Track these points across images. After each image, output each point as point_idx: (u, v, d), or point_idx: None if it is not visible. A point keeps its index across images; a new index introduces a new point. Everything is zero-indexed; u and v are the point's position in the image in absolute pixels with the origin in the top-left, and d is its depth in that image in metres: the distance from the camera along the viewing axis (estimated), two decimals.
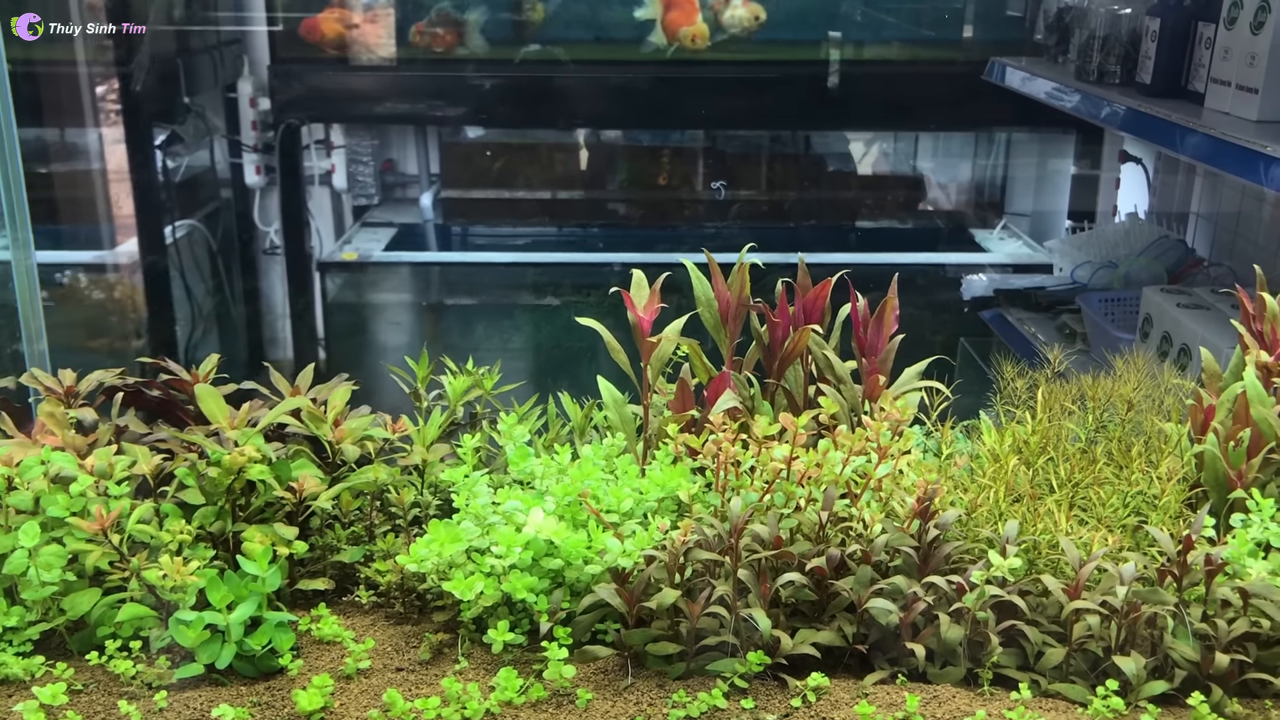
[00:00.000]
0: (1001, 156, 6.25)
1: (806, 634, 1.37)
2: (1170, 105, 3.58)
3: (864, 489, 1.46)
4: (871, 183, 6.32)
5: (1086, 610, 1.34)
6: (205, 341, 5.37)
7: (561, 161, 6.22)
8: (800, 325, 1.64)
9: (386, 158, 6.41)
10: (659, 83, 5.33)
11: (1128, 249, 4.87)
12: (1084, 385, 1.68)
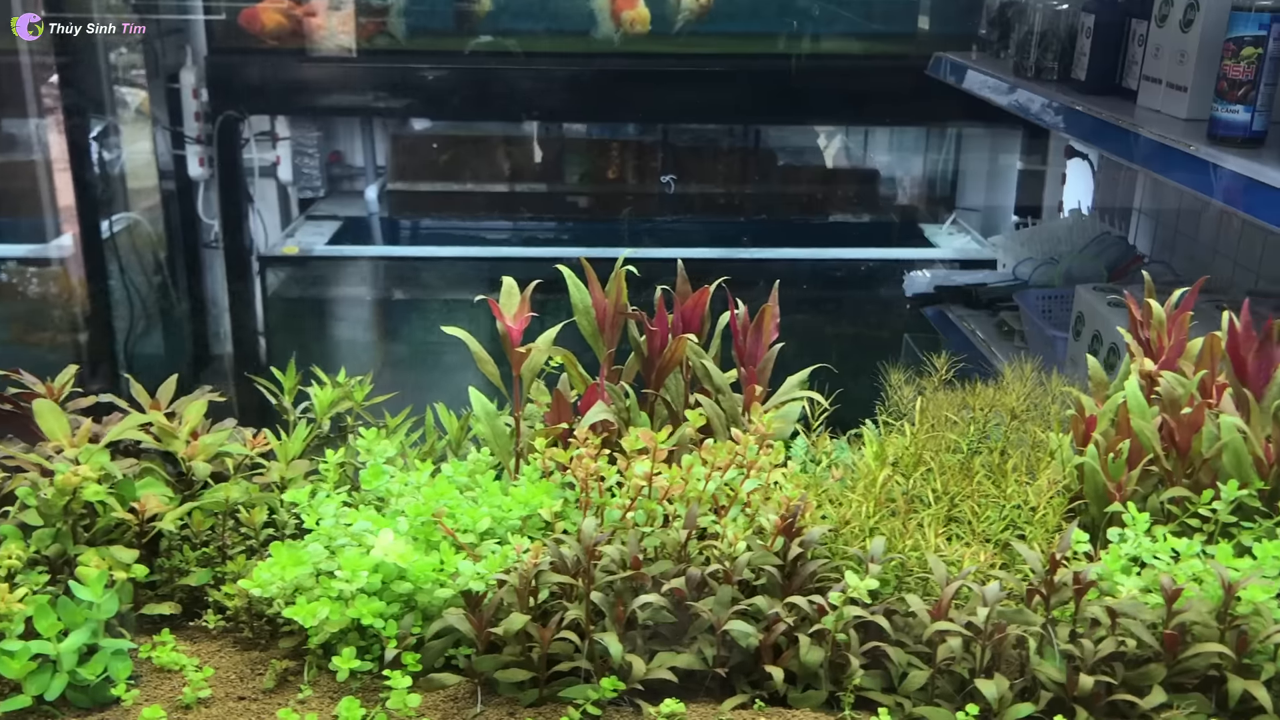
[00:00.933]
0: (952, 151, 6.24)
1: (665, 657, 1.33)
2: (1103, 102, 3.57)
3: (731, 505, 1.41)
4: (822, 177, 6.29)
5: (949, 631, 1.30)
6: (146, 337, 5.26)
7: (509, 155, 6.14)
8: (679, 334, 1.59)
9: (334, 150, 6.30)
10: (606, 75, 5.27)
11: (1070, 245, 4.87)
12: (967, 394, 1.65)
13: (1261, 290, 3.72)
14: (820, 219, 6.23)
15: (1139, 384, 1.55)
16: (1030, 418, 1.62)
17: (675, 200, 6.16)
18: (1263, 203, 2.65)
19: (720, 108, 5.46)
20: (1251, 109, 2.96)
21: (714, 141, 6.29)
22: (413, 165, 6.16)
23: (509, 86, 5.26)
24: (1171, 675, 1.35)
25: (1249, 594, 1.33)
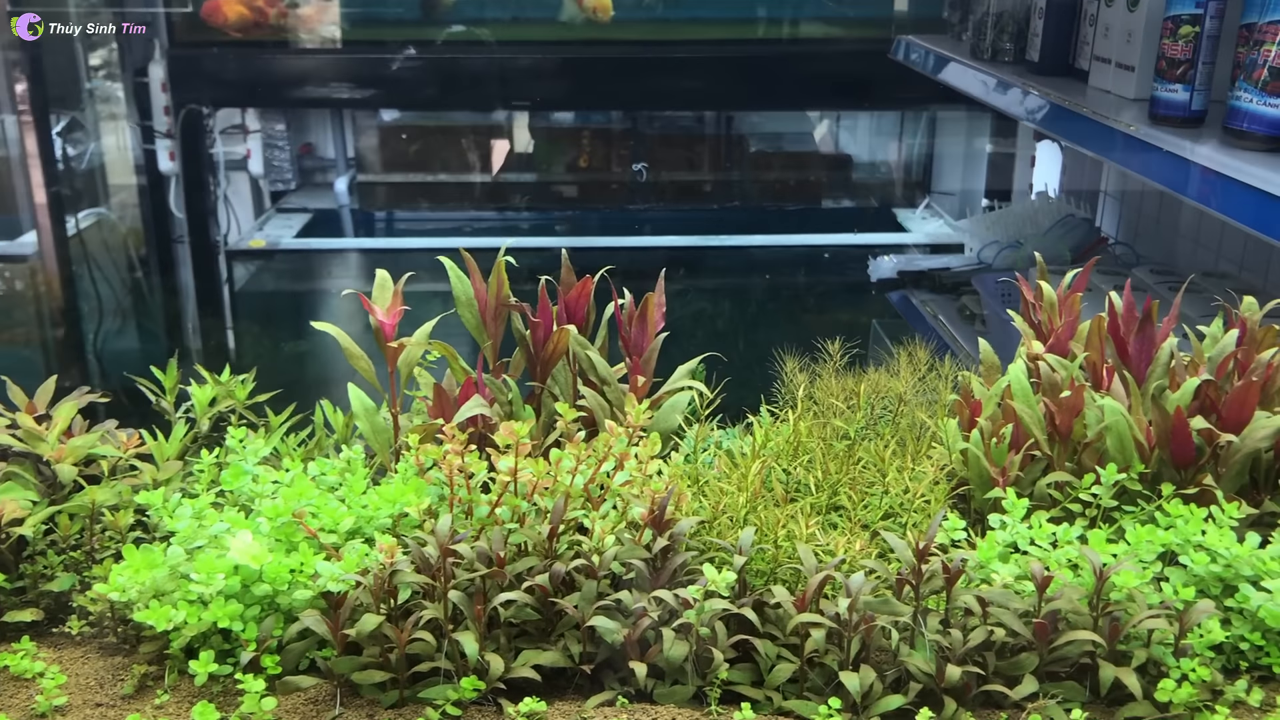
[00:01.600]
0: (926, 136, 6.21)
1: (529, 655, 1.31)
2: (1056, 83, 3.54)
3: (602, 499, 1.39)
4: (795, 163, 6.26)
5: (814, 623, 1.28)
6: (118, 333, 5.24)
7: (479, 145, 6.11)
8: (563, 325, 1.57)
9: (305, 142, 6.27)
10: (572, 63, 5.23)
11: (1035, 228, 4.84)
12: (859, 380, 1.62)
13: (1218, 271, 3.70)
14: (793, 205, 6.19)
15: (1026, 367, 1.53)
16: (920, 403, 1.60)
17: (647, 188, 6.13)
18: (1196, 182, 2.62)
19: (690, 94, 5.43)
20: (1190, 88, 2.92)
21: (686, 129, 6.25)
22: (382, 156, 6.13)
23: (477, 76, 5.23)
24: (1045, 664, 1.33)
25: (1121, 580, 1.31)
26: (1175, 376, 1.48)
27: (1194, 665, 1.28)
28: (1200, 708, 1.28)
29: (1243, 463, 1.45)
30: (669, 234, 5.79)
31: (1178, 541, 1.36)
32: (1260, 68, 2.58)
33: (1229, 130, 2.68)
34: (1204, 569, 1.34)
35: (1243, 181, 2.41)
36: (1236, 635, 1.34)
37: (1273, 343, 1.55)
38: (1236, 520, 1.38)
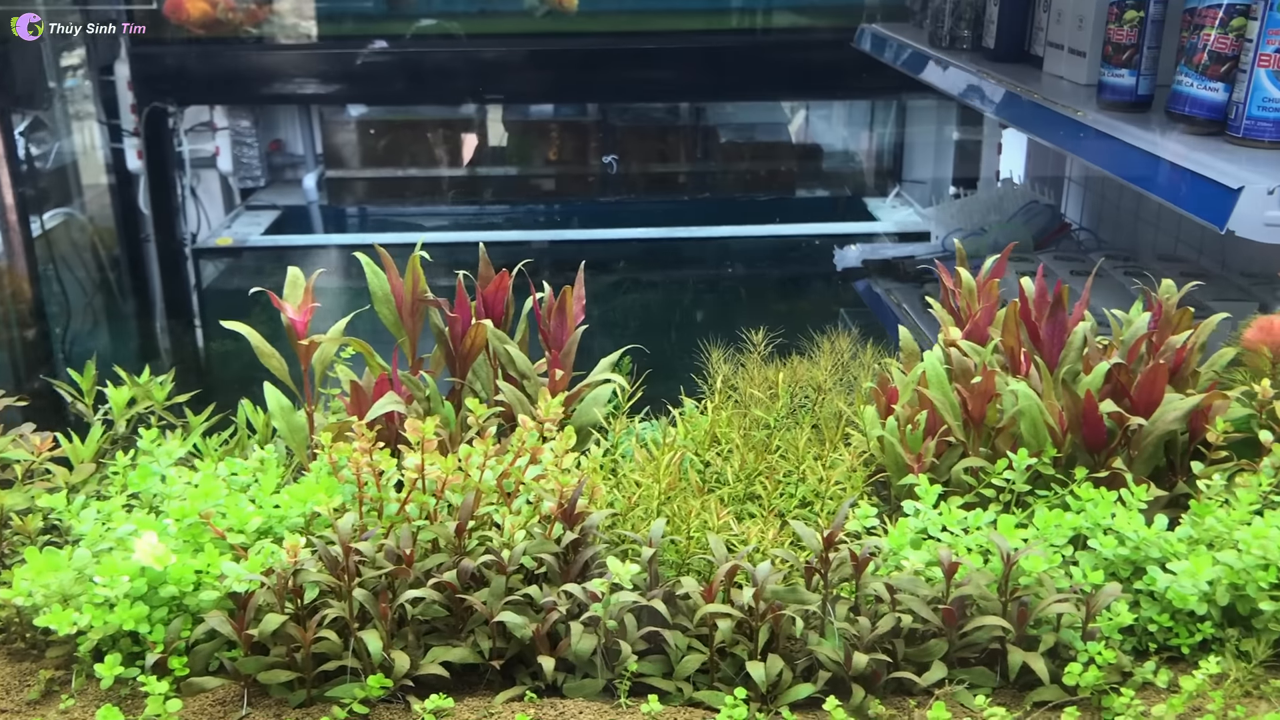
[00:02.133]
0: (897, 124, 6.21)
1: (438, 652, 1.31)
2: (1011, 70, 3.54)
3: (514, 494, 1.39)
4: (766, 153, 6.25)
5: (720, 614, 1.28)
6: (88, 334, 5.21)
7: (448, 139, 6.08)
8: (482, 319, 1.56)
9: (274, 138, 6.23)
10: (539, 56, 5.21)
11: (999, 215, 4.85)
12: (782, 369, 1.62)
13: (1176, 256, 3.71)
14: (764, 195, 6.19)
15: (944, 354, 1.53)
16: (842, 391, 1.60)
17: (618, 180, 6.12)
18: (1139, 167, 2.62)
19: (657, 86, 5.42)
20: (1136, 73, 2.93)
21: (656, 120, 6.23)
22: (349, 152, 6.10)
23: (446, 70, 5.20)
24: (955, 650, 1.33)
25: (1030, 565, 1.32)
26: (1089, 361, 1.48)
27: (1100, 648, 1.28)
28: (1107, 690, 1.29)
29: (1155, 445, 1.46)
30: (640, 226, 5.78)
31: (1087, 525, 1.37)
32: (1200, 52, 2.59)
33: (1171, 114, 2.68)
34: (1112, 552, 1.34)
35: (1182, 166, 2.42)
36: (1146, 617, 1.35)
37: (1188, 325, 1.55)
38: (1146, 503, 1.38)
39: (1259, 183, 2.20)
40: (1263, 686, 1.31)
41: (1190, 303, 3.39)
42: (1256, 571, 1.31)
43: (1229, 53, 2.56)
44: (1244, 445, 1.53)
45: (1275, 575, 1.30)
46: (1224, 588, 1.33)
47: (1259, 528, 1.32)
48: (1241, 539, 1.32)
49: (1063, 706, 1.27)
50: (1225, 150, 2.49)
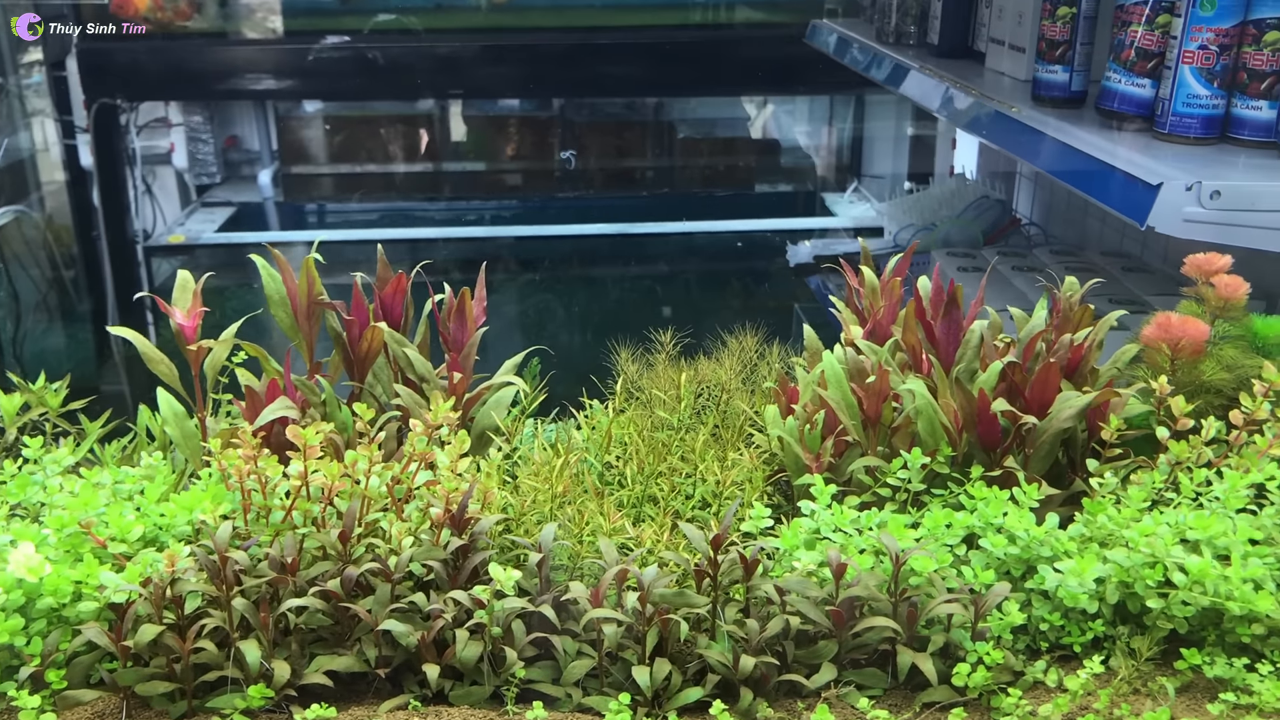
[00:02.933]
0: (855, 120, 6.22)
1: (323, 661, 1.29)
2: (954, 65, 3.54)
3: (404, 500, 1.37)
4: (725, 149, 6.24)
5: (606, 619, 1.27)
6: (41, 334, 5.13)
7: (405, 135, 6.04)
8: (381, 322, 1.54)
9: (230, 134, 6.17)
10: (494, 51, 5.18)
11: (950, 210, 4.87)
12: (690, 369, 1.61)
13: (1121, 251, 3.74)
14: (723, 191, 6.19)
15: (844, 353, 1.52)
16: (746, 391, 1.59)
17: (576, 176, 6.10)
18: (1069, 164, 2.63)
19: (613, 81, 5.40)
20: (1070, 69, 2.94)
21: (614, 116, 6.21)
22: (306, 148, 6.04)
23: (402, 65, 5.17)
24: (847, 651, 1.33)
25: (919, 565, 1.32)
26: (987, 360, 1.48)
27: (988, 649, 1.28)
28: (996, 690, 1.29)
29: (1051, 443, 1.46)
30: (598, 222, 5.77)
31: (979, 524, 1.37)
32: (1128, 48, 2.60)
33: (1101, 110, 2.69)
34: (1003, 551, 1.34)
35: (1106, 162, 2.43)
36: (1038, 616, 1.35)
37: (1089, 323, 1.55)
38: (1038, 501, 1.38)
39: (1178, 179, 2.21)
40: (1150, 684, 1.31)
41: (1128, 299, 3.40)
42: (1144, 569, 1.31)
43: (1155, 49, 2.57)
44: (1144, 442, 1.53)
45: (1162, 573, 1.31)
46: (1114, 586, 1.33)
47: (1146, 525, 1.32)
48: (1130, 537, 1.33)
49: (951, 707, 1.27)
50: (1151, 146, 2.50)
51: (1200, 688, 1.32)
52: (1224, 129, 2.51)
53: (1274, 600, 1.30)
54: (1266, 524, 1.38)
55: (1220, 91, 2.47)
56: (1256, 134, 2.41)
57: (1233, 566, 1.29)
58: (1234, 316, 1.57)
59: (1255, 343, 1.60)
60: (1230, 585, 1.29)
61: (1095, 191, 2.50)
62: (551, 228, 5.74)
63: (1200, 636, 1.35)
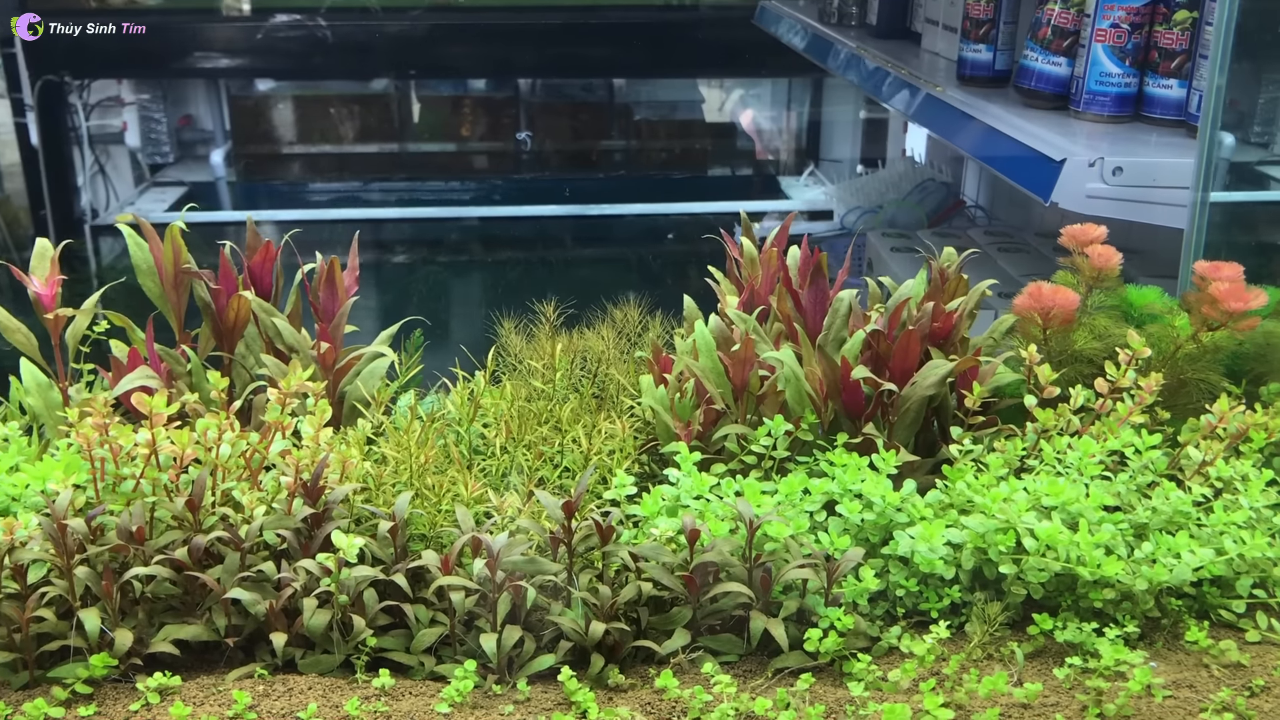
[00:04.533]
0: (811, 102, 6.21)
1: (170, 630, 1.28)
2: (891, 46, 3.54)
3: (259, 469, 1.36)
4: (681, 131, 6.22)
5: (455, 586, 1.27)
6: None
7: (359, 114, 5.99)
8: (251, 291, 1.52)
9: (184, 114, 6.10)
10: (446, 30, 5.14)
11: (897, 192, 4.88)
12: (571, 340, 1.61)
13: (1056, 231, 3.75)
14: (679, 173, 6.17)
15: (719, 323, 1.52)
16: (628, 361, 1.59)
17: (532, 157, 6.06)
18: (986, 142, 2.63)
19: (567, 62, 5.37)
20: (993, 48, 2.94)
21: (570, 97, 6.17)
22: (258, 128, 5.98)
23: (357, 44, 5.11)
24: (704, 617, 1.33)
25: (774, 530, 1.32)
26: (854, 329, 1.48)
27: (839, 614, 1.29)
28: (848, 656, 1.29)
29: (917, 410, 1.46)
30: (553, 203, 5.75)
31: (838, 491, 1.37)
32: (1044, 26, 2.61)
33: (1019, 89, 2.70)
34: (859, 517, 1.34)
35: (1015, 139, 2.44)
36: (895, 582, 1.36)
37: (963, 293, 1.56)
38: (896, 468, 1.38)
39: (1081, 155, 2.22)
40: (1002, 649, 1.32)
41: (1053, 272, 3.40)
42: (997, 535, 1.31)
43: (1071, 27, 2.57)
44: (1017, 411, 1.54)
45: (1014, 539, 1.31)
46: (970, 552, 1.34)
47: (998, 492, 1.33)
48: (984, 504, 1.33)
49: (802, 672, 1.27)
50: (1065, 124, 2.51)
51: (1052, 652, 1.33)
52: (1137, 107, 2.52)
53: (1123, 565, 1.31)
54: (1121, 490, 1.39)
55: (1132, 70, 2.48)
56: (1168, 112, 2.43)
57: (1081, 532, 1.30)
58: (1108, 286, 1.58)
59: (1130, 312, 1.61)
60: (1081, 550, 1.30)
61: (1007, 169, 2.51)
62: (506, 208, 5.71)
63: (1056, 602, 1.36)
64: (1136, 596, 1.33)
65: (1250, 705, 1.24)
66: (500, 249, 5.48)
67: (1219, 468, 1.42)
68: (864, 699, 1.20)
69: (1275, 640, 1.35)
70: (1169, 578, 1.32)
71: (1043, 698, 1.24)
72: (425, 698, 1.24)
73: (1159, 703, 1.24)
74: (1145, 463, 1.42)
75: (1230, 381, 1.55)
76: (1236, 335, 1.50)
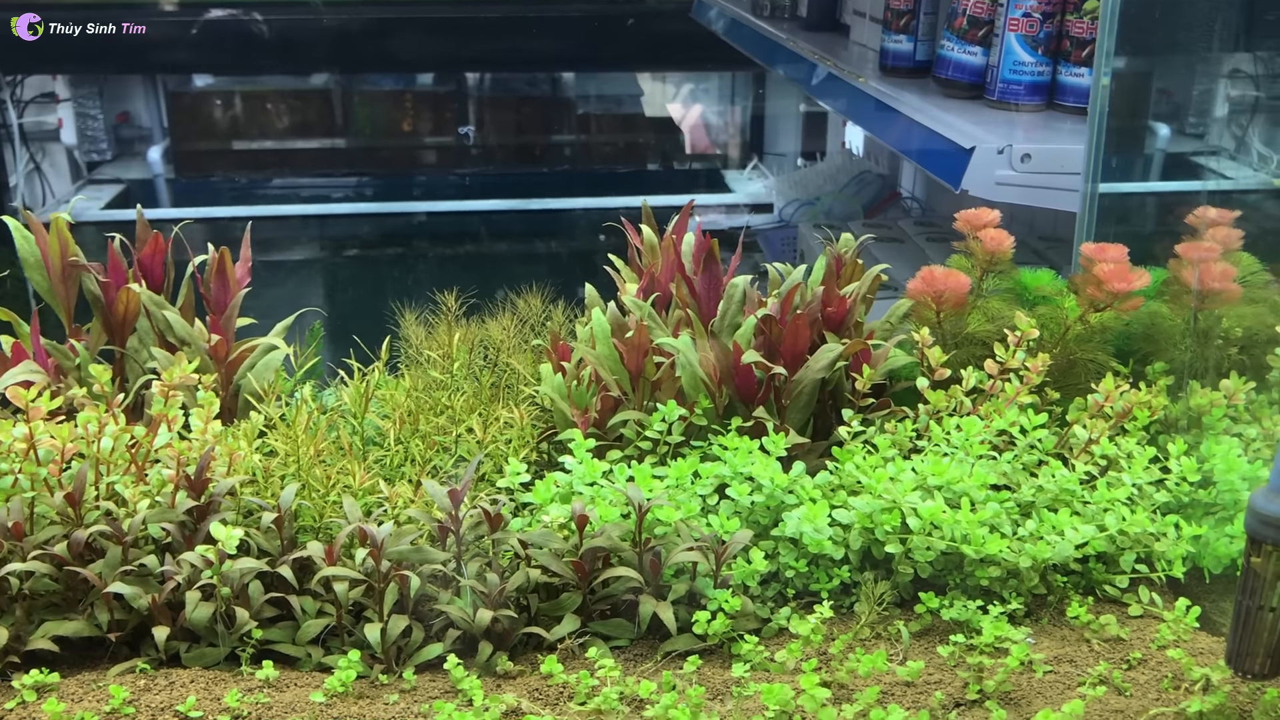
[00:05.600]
0: (755, 97, 6.23)
1: (50, 626, 1.26)
2: (821, 39, 3.56)
3: (145, 463, 1.34)
4: (626, 125, 6.22)
5: (338, 576, 1.26)
6: None
7: (299, 110, 5.92)
8: (141, 284, 1.50)
9: (121, 110, 6.00)
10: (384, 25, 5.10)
11: (834, 185, 4.92)
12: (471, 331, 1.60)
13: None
14: (624, 167, 6.17)
15: (617, 311, 1.52)
16: (523, 350, 1.59)
17: (475, 152, 6.03)
18: (904, 133, 2.66)
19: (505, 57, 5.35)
20: (914, 38, 2.97)
21: (513, 91, 6.15)
22: (197, 124, 5.90)
23: (297, 39, 5.05)
24: (595, 602, 1.33)
25: (664, 514, 1.32)
26: (749, 315, 1.49)
27: (727, 596, 1.30)
28: (736, 637, 1.30)
29: (810, 393, 1.47)
30: (496, 198, 5.72)
31: (729, 474, 1.38)
32: (960, 16, 2.64)
33: (937, 79, 2.73)
34: (748, 499, 1.35)
35: (929, 128, 2.46)
36: (785, 564, 1.37)
37: (858, 278, 1.57)
38: (786, 450, 1.40)
39: (990, 142, 2.25)
40: (890, 628, 1.34)
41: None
42: (883, 515, 1.33)
43: (986, 17, 2.61)
44: (912, 393, 1.56)
45: (899, 518, 1.33)
46: (858, 532, 1.35)
47: (883, 472, 1.34)
48: (868, 484, 1.35)
49: (690, 655, 1.28)
50: (979, 113, 2.54)
51: (939, 630, 1.35)
52: (1051, 96, 2.56)
53: (1007, 543, 1.34)
54: (1007, 469, 1.41)
55: (1045, 59, 2.52)
56: (1080, 100, 2.46)
57: (963, 511, 1.32)
58: (1002, 270, 1.60)
59: (1024, 294, 1.64)
60: (966, 529, 1.32)
61: (923, 158, 2.54)
62: (447, 203, 5.68)
63: (944, 581, 1.38)
64: (1022, 574, 1.36)
65: (1127, 678, 1.26)
66: (439, 244, 5.45)
67: (1104, 446, 1.44)
68: (747, 680, 1.21)
69: (1157, 614, 1.38)
70: (1052, 554, 1.34)
71: (926, 675, 1.26)
72: (309, 689, 1.23)
73: (1040, 678, 1.26)
74: (1032, 442, 1.45)
75: (1119, 361, 1.58)
76: (1122, 316, 1.53)
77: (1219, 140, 2.09)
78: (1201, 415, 1.49)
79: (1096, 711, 1.20)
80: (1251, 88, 2.04)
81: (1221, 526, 1.43)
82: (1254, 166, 1.94)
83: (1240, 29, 1.60)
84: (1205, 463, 1.45)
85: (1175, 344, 1.52)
